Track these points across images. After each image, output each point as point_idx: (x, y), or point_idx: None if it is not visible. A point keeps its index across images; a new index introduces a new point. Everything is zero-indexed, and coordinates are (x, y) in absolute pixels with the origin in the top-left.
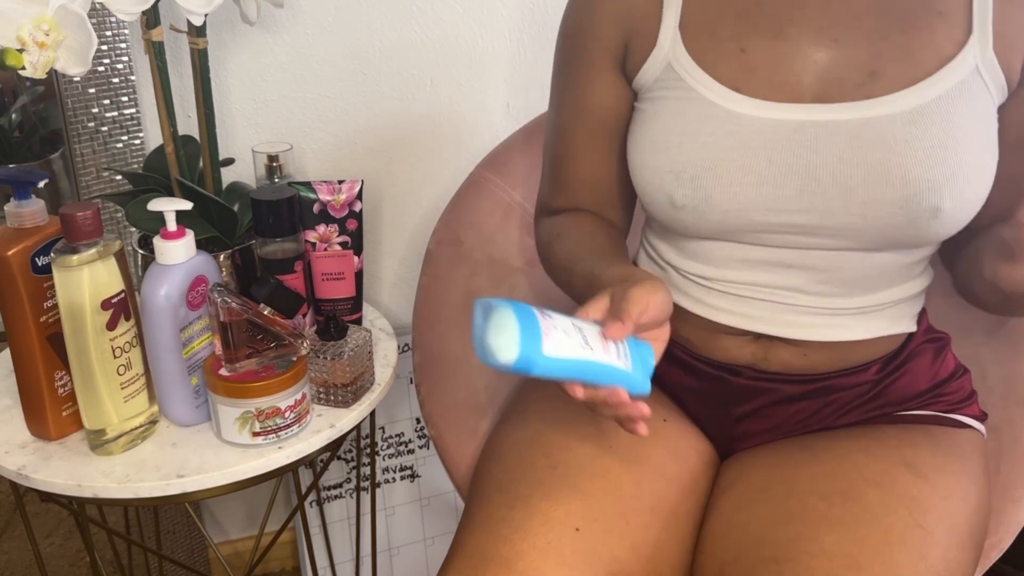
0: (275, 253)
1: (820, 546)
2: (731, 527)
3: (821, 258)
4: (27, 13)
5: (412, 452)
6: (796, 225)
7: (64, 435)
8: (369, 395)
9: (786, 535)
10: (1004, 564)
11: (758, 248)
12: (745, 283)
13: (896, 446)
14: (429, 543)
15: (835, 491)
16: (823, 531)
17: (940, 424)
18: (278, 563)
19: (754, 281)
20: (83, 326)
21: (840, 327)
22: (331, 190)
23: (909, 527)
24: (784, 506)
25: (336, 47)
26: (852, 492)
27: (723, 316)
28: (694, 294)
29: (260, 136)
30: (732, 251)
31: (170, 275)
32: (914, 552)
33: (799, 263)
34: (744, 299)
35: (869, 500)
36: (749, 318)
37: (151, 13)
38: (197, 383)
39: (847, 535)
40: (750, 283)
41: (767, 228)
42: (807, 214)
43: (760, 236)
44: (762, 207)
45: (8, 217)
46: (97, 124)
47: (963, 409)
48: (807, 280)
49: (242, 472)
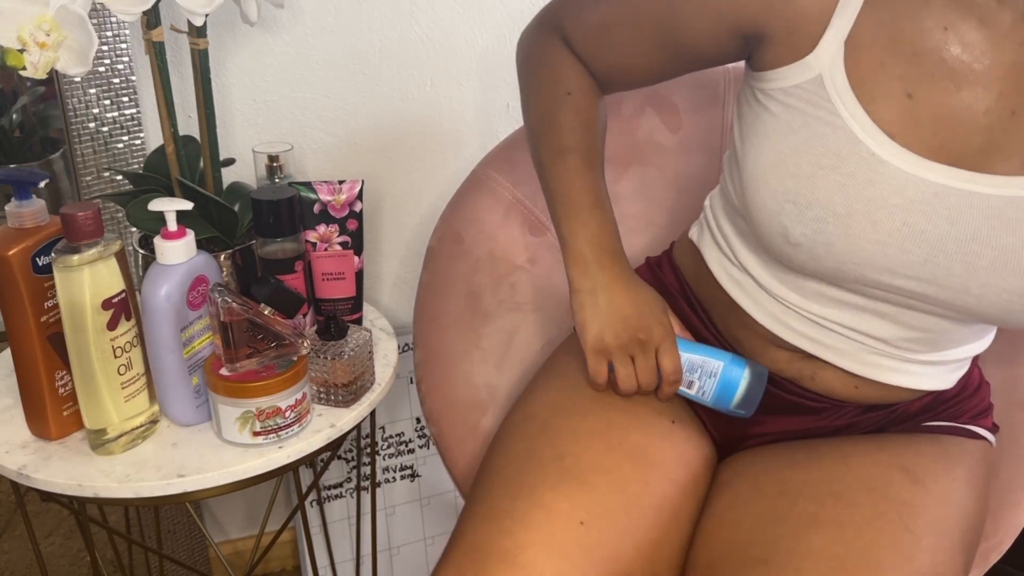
0: (275, 253)
1: (808, 547)
2: (723, 525)
3: (915, 319)
4: (28, 13)
5: (412, 452)
6: (908, 290)
7: (65, 435)
8: (369, 395)
9: (775, 535)
10: (1004, 564)
11: (856, 296)
12: (829, 320)
13: (897, 452)
14: (429, 543)
15: (827, 493)
16: (812, 532)
17: (953, 434)
18: (278, 563)
19: (840, 321)
20: (84, 326)
21: (905, 374)
22: (331, 190)
23: (898, 531)
24: (775, 506)
25: (336, 47)
26: (844, 495)
27: (791, 335)
28: (768, 307)
29: (260, 136)
30: (828, 291)
31: (171, 275)
32: (901, 556)
33: (893, 317)
34: (821, 328)
35: (860, 503)
36: (819, 345)
37: (151, 13)
38: (197, 383)
39: (835, 537)
40: (835, 321)
41: (876, 285)
42: (925, 284)
43: (863, 288)
44: (881, 267)
45: (9, 217)
46: (98, 124)
47: (979, 421)
48: (894, 333)
49: (242, 472)
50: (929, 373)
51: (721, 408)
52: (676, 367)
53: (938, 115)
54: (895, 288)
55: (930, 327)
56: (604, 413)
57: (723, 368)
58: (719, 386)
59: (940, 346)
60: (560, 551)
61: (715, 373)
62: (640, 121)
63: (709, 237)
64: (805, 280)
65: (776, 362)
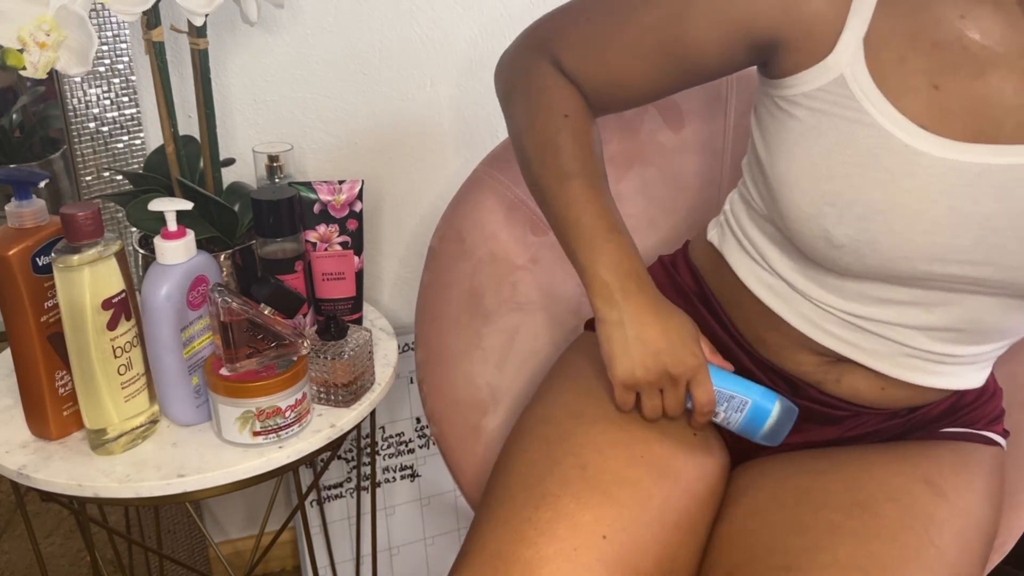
0: (275, 253)
1: (833, 556)
2: (741, 534)
3: (968, 305)
4: (28, 13)
5: (412, 452)
6: (962, 276)
7: (65, 435)
8: (369, 395)
9: (799, 544)
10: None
11: (902, 289)
12: (868, 319)
13: (918, 462)
14: (429, 543)
15: (852, 503)
16: (837, 542)
17: (970, 440)
18: (278, 563)
19: (880, 318)
20: (84, 326)
21: (936, 374)
22: (331, 190)
23: (924, 545)
24: (797, 515)
25: (336, 47)
26: (870, 506)
27: (825, 338)
28: (802, 310)
29: (260, 136)
30: (870, 289)
31: (171, 275)
32: (926, 570)
33: (940, 305)
34: (858, 330)
35: (886, 515)
36: (850, 346)
37: (152, 13)
38: (197, 383)
39: (861, 548)
40: (874, 319)
41: (928, 276)
42: (978, 267)
43: (914, 281)
44: (931, 256)
45: (9, 217)
46: (98, 124)
47: (993, 427)
48: (938, 322)
49: (242, 472)
50: (960, 373)
51: (747, 437)
52: (710, 399)
53: (967, 102)
54: (948, 277)
55: (981, 315)
56: (625, 423)
57: (751, 405)
58: (746, 419)
59: (983, 339)
60: (582, 565)
61: (743, 408)
62: (642, 120)
63: (734, 242)
64: (845, 281)
65: (801, 365)
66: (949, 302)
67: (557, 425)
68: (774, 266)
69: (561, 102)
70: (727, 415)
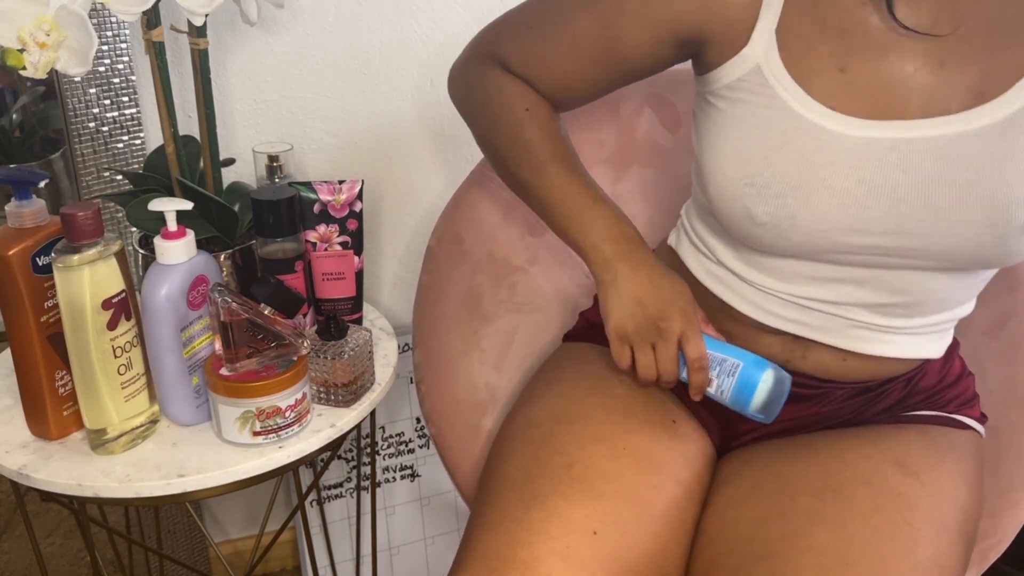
0: (275, 253)
1: (809, 543)
2: (723, 523)
3: (895, 278)
4: (28, 13)
5: (412, 452)
6: (879, 247)
7: (65, 435)
8: (369, 395)
9: (777, 532)
10: (1002, 564)
11: (830, 267)
12: (808, 298)
13: (889, 445)
14: (429, 543)
15: (826, 489)
16: (814, 528)
17: (941, 424)
18: (278, 563)
19: (818, 297)
20: (84, 326)
21: (890, 344)
22: (331, 190)
23: (897, 524)
24: (775, 503)
25: (336, 47)
26: (842, 490)
27: (776, 320)
28: (747, 295)
29: (260, 136)
30: (801, 268)
31: (171, 275)
32: (903, 549)
33: (870, 281)
34: (804, 309)
35: (859, 498)
36: (801, 325)
37: (152, 13)
38: (197, 383)
39: (837, 533)
40: (814, 298)
41: (848, 249)
42: (892, 236)
43: (837, 256)
44: (847, 228)
45: (9, 217)
46: (98, 124)
47: (965, 410)
48: (873, 297)
49: (242, 472)
50: (913, 342)
51: (740, 410)
52: (700, 353)
53: (872, 82)
54: (868, 248)
55: (911, 288)
56: (607, 417)
57: (742, 367)
58: (737, 385)
59: (925, 310)
60: (577, 562)
61: (734, 372)
62: (639, 121)
63: (687, 241)
64: (779, 260)
65: (768, 346)
66: (878, 277)
67: (541, 427)
68: (719, 256)
69: (520, 99)
70: (719, 381)
